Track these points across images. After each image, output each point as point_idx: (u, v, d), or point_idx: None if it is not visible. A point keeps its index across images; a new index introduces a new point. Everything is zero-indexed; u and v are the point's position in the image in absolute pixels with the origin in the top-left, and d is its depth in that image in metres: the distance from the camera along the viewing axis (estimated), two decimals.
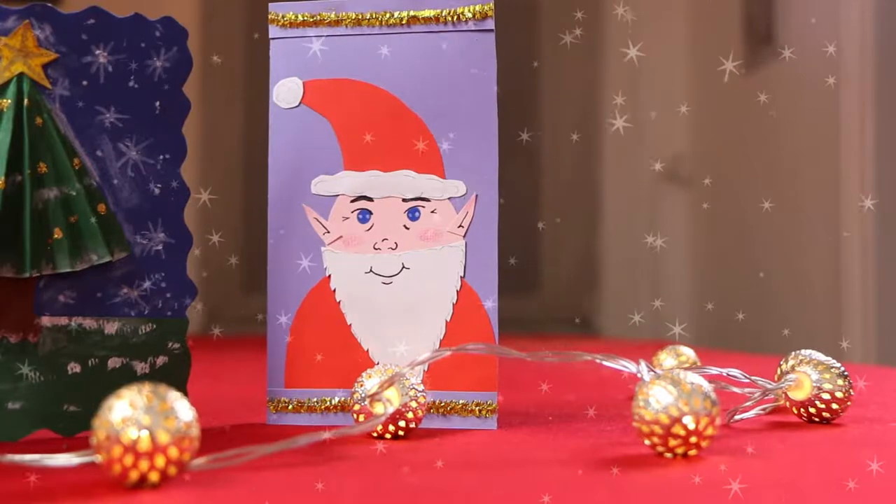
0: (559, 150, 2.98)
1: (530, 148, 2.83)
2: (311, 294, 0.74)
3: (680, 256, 2.81)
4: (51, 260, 0.67)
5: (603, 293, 2.94)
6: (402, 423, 0.67)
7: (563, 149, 2.98)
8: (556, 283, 2.97)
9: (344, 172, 0.74)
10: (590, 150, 2.96)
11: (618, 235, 2.89)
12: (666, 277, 2.80)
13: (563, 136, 2.96)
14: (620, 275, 2.89)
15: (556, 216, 2.93)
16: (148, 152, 0.69)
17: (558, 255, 2.98)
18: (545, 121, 2.96)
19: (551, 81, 2.97)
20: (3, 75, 0.66)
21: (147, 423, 0.49)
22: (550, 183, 2.97)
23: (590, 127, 2.96)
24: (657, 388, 0.58)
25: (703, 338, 2.39)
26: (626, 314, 2.79)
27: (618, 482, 0.53)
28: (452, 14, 0.73)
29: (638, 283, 2.81)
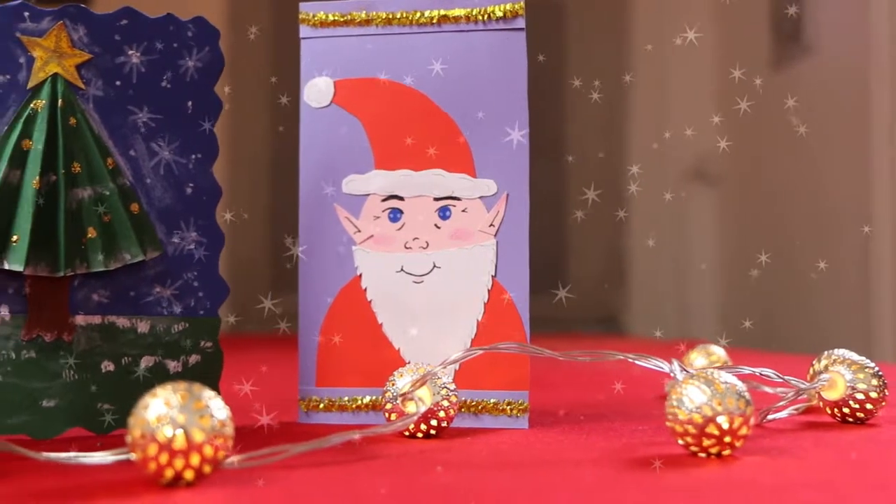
0: (585, 148, 2.97)
1: (557, 146, 2.83)
2: (342, 293, 0.74)
3: (707, 255, 2.79)
4: (85, 259, 0.67)
5: (630, 292, 2.93)
6: (434, 422, 0.67)
7: (590, 146, 2.97)
8: (582, 281, 2.97)
9: (375, 172, 0.74)
10: (616, 146, 2.95)
11: (645, 234, 2.88)
12: (693, 276, 2.79)
13: (589, 133, 2.95)
14: (648, 274, 2.88)
15: (582, 214, 2.92)
16: (180, 152, 0.70)
17: (585, 254, 2.98)
18: (570, 120, 2.96)
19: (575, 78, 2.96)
20: (38, 76, 0.67)
21: (182, 422, 0.50)
22: (576, 181, 2.96)
23: (616, 122, 2.95)
24: (691, 387, 0.58)
25: (731, 337, 2.38)
26: (653, 313, 2.78)
27: (651, 482, 0.53)
28: (483, 13, 0.73)
29: (665, 282, 2.80)
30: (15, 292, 0.66)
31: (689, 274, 2.79)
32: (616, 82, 2.80)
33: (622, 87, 2.88)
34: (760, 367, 0.74)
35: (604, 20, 3.00)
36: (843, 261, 2.14)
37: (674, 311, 2.80)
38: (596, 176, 2.90)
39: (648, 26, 2.88)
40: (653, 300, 2.80)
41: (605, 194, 2.51)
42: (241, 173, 2.51)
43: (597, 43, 2.95)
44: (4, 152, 0.66)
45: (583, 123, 2.97)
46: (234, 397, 0.65)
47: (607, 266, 2.98)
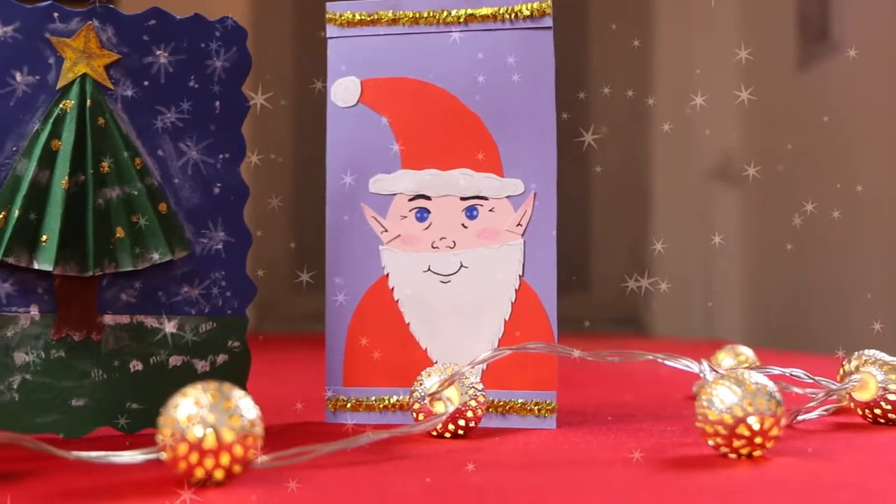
0: (608, 146, 2.96)
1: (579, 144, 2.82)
2: (370, 293, 0.74)
3: (732, 254, 2.78)
4: (113, 259, 0.67)
5: (654, 292, 2.92)
6: (462, 422, 0.67)
7: (613, 145, 2.96)
8: (606, 281, 2.96)
9: (402, 171, 0.74)
10: (640, 147, 2.94)
11: (669, 233, 2.87)
12: (718, 276, 2.78)
13: (612, 132, 2.94)
14: (672, 273, 2.86)
15: (606, 213, 2.91)
16: (208, 152, 0.70)
17: (608, 253, 2.97)
18: (593, 114, 2.95)
19: (601, 80, 2.96)
20: (67, 76, 0.67)
21: (212, 421, 0.50)
22: (600, 180, 2.95)
23: (639, 124, 2.94)
24: (721, 387, 0.58)
25: (757, 337, 2.37)
26: (677, 313, 2.77)
27: (683, 483, 0.52)
28: (510, 11, 0.73)
29: (690, 282, 2.79)
30: (44, 292, 0.67)
31: (713, 274, 2.78)
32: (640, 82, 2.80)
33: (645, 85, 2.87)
34: (789, 367, 0.73)
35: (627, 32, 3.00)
36: (873, 261, 2.12)
37: (697, 311, 2.78)
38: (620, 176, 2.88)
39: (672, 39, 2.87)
40: (676, 300, 2.79)
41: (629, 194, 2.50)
42: (262, 172, 2.52)
43: (620, 43, 2.94)
44: (34, 152, 0.66)
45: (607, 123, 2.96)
46: (261, 396, 0.65)
47: (630, 266, 2.97)
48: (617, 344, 1.50)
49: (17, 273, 0.66)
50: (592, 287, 2.95)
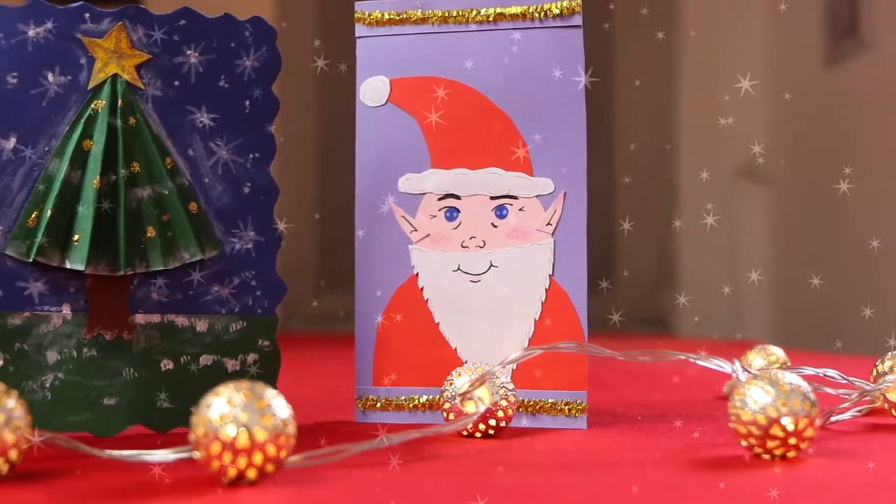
0: (635, 143, 2.95)
1: (605, 144, 2.81)
2: (399, 292, 0.74)
3: (759, 253, 2.77)
4: (144, 258, 0.68)
5: (680, 291, 2.91)
6: (493, 421, 0.66)
7: (640, 142, 2.95)
8: (632, 281, 2.95)
9: (431, 170, 0.74)
10: (666, 146, 2.93)
11: (693, 233, 2.86)
12: (745, 275, 2.76)
13: (637, 129, 2.93)
14: (697, 272, 2.85)
15: (632, 213, 2.90)
16: (238, 151, 0.70)
17: (634, 253, 2.96)
18: (618, 114, 2.94)
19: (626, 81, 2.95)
20: (98, 77, 0.67)
21: (245, 421, 0.50)
22: (627, 177, 2.94)
23: (666, 122, 2.93)
24: (754, 388, 0.57)
25: (784, 337, 2.36)
26: (704, 312, 2.75)
27: (716, 484, 0.52)
28: (539, 10, 0.73)
29: (716, 282, 2.78)
30: (76, 291, 0.67)
31: (739, 274, 2.77)
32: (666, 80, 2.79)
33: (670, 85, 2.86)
34: (819, 367, 0.73)
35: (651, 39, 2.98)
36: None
37: (723, 311, 2.77)
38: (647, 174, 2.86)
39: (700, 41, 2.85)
40: (702, 300, 2.78)
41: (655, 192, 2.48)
42: (289, 171, 2.53)
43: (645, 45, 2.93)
44: (66, 153, 0.66)
45: (633, 124, 2.95)
46: (289, 395, 0.65)
47: (657, 266, 2.96)
48: (643, 344, 1.49)
49: (50, 272, 0.66)
50: (618, 286, 2.94)
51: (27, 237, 0.66)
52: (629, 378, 1.08)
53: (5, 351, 0.66)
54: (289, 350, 0.73)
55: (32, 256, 0.66)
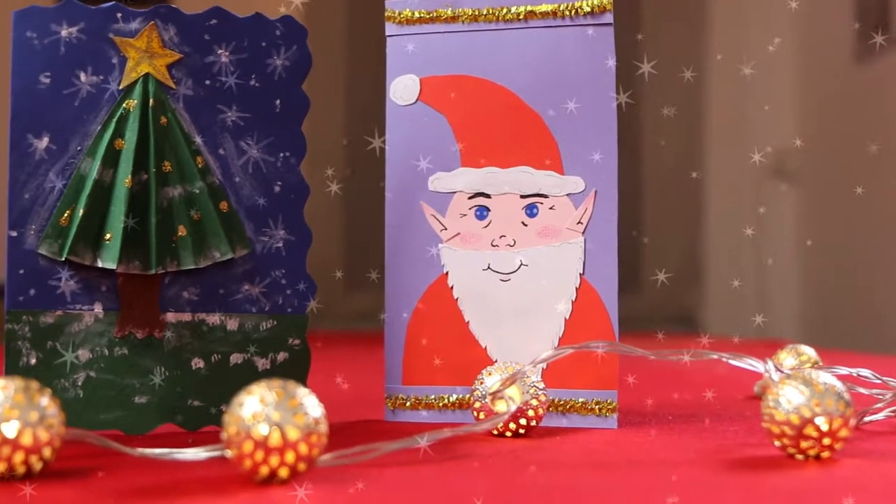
0: (662, 141, 2.94)
1: (631, 142, 2.80)
2: (429, 291, 0.74)
3: (787, 252, 2.75)
4: (175, 257, 0.68)
5: (707, 290, 2.90)
6: (523, 420, 0.66)
7: (667, 140, 2.94)
8: (658, 280, 2.93)
9: (461, 169, 0.74)
10: (693, 143, 2.92)
11: (722, 231, 2.85)
12: (774, 274, 2.75)
13: (665, 129, 2.92)
14: (725, 271, 2.84)
15: (659, 212, 2.89)
16: (268, 150, 0.70)
17: (661, 252, 2.95)
18: (646, 113, 2.93)
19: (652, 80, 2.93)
20: (130, 76, 0.67)
21: (277, 419, 0.50)
22: (652, 177, 2.93)
23: (692, 120, 2.91)
24: (788, 387, 0.57)
25: (812, 335, 2.34)
26: (731, 311, 2.74)
27: (752, 484, 0.52)
28: (570, 8, 0.73)
29: (743, 280, 2.76)
30: (108, 290, 0.67)
31: (767, 272, 2.75)
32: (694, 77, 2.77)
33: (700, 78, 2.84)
34: (852, 367, 0.72)
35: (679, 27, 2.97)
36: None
37: (751, 309, 2.76)
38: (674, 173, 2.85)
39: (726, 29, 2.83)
40: (730, 299, 2.76)
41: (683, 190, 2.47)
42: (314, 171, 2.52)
43: (672, 41, 2.92)
44: (98, 152, 0.67)
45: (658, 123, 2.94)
46: (319, 394, 0.65)
47: (684, 264, 2.95)
48: (670, 343, 1.49)
49: (82, 271, 0.67)
50: (644, 285, 2.93)
51: (59, 236, 0.66)
52: (657, 377, 1.07)
53: (38, 349, 0.66)
54: (317, 348, 0.73)
55: (65, 255, 0.66)
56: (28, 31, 0.66)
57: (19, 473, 0.51)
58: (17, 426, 0.50)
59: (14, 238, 0.66)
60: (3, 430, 0.50)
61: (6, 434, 0.50)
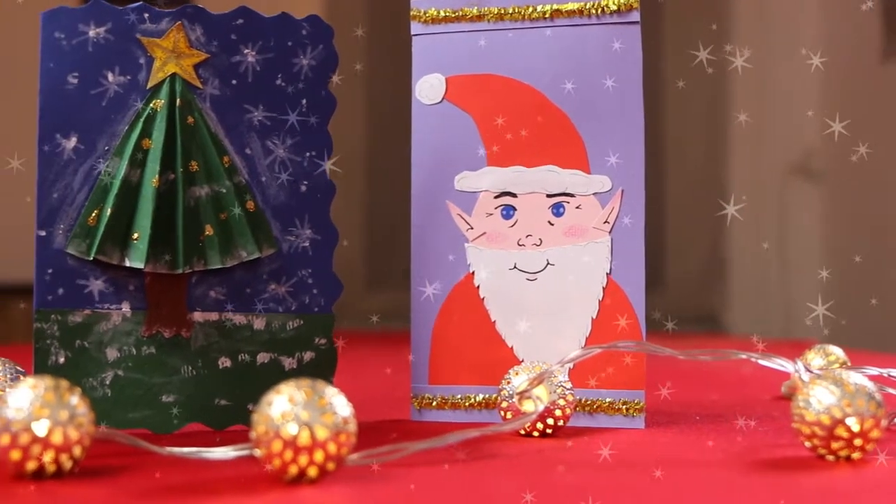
0: (685, 143, 2.93)
1: (655, 141, 2.79)
2: (455, 290, 0.74)
3: (810, 251, 2.73)
4: (202, 256, 0.68)
5: (731, 289, 2.88)
6: (551, 420, 0.66)
7: (690, 142, 2.93)
8: (682, 279, 2.92)
9: (487, 168, 0.74)
10: (716, 143, 2.90)
11: (746, 230, 2.83)
12: (796, 273, 2.73)
13: (688, 128, 2.91)
14: (749, 270, 2.82)
15: (683, 211, 2.88)
16: (295, 149, 0.70)
17: (684, 251, 2.94)
18: (669, 115, 2.92)
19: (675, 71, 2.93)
20: (157, 76, 0.68)
21: (306, 419, 0.50)
22: (677, 177, 2.92)
23: (716, 119, 2.90)
24: (819, 388, 0.56)
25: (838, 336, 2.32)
26: (755, 311, 2.73)
27: (783, 485, 0.51)
28: (596, 6, 0.72)
29: (767, 280, 2.75)
30: (136, 289, 0.68)
31: (792, 272, 2.74)
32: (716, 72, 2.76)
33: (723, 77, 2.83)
34: (881, 367, 0.72)
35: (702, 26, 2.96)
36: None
37: (776, 309, 2.74)
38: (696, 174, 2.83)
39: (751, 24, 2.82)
40: (754, 299, 2.75)
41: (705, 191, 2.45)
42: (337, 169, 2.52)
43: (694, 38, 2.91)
44: (125, 151, 0.67)
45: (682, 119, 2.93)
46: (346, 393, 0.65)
47: (707, 264, 2.94)
48: (695, 343, 1.48)
49: (110, 270, 0.67)
50: (668, 285, 2.92)
51: (87, 236, 0.66)
52: (683, 377, 1.06)
53: (67, 348, 0.67)
54: (341, 347, 0.73)
55: (93, 255, 0.66)
56: (56, 31, 0.67)
57: (50, 472, 0.51)
58: (47, 425, 0.51)
59: (42, 238, 0.67)
60: (33, 428, 0.50)
61: (37, 433, 0.50)
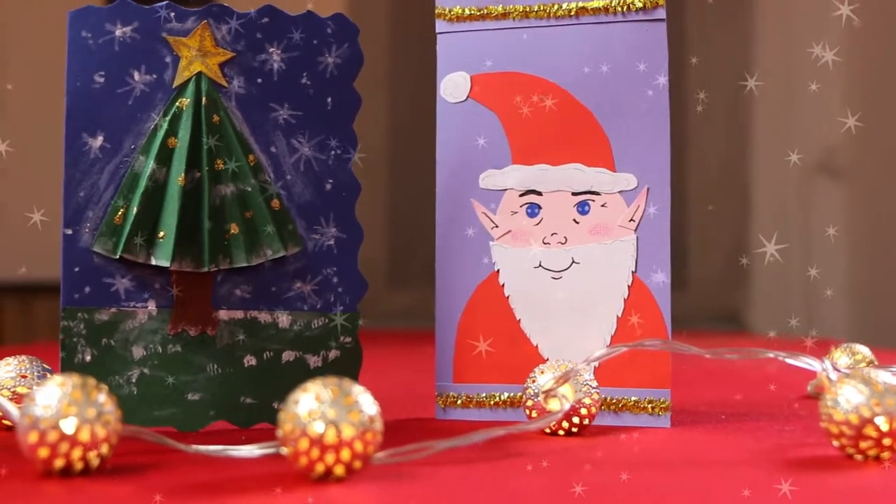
0: (707, 139, 2.92)
1: (677, 137, 2.78)
2: (480, 289, 0.74)
3: (835, 250, 2.72)
4: (228, 254, 0.68)
5: (753, 289, 2.87)
6: (576, 419, 0.66)
7: (712, 138, 2.91)
8: (704, 278, 2.91)
9: (512, 166, 0.74)
10: (739, 139, 2.89)
11: (770, 228, 2.82)
12: (820, 272, 2.72)
13: (713, 125, 2.90)
14: (772, 269, 2.81)
15: (706, 207, 2.87)
16: (320, 148, 0.70)
17: (708, 249, 2.92)
18: (691, 112, 2.91)
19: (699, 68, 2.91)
20: (183, 75, 0.68)
21: (333, 417, 0.50)
22: (699, 174, 2.91)
23: (738, 117, 2.89)
24: (847, 387, 0.56)
25: (862, 335, 2.31)
26: (778, 310, 2.71)
27: (812, 485, 0.51)
28: (622, 4, 0.72)
29: (790, 279, 2.73)
30: (161, 287, 0.68)
31: (813, 270, 2.72)
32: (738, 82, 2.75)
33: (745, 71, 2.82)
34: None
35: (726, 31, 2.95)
36: None
37: (798, 309, 2.73)
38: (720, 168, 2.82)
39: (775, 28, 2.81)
40: (776, 298, 2.73)
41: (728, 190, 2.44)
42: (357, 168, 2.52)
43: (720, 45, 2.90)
44: (151, 150, 0.67)
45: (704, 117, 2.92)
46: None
47: (729, 263, 2.92)
48: (718, 342, 1.47)
49: (136, 269, 0.67)
50: (690, 284, 2.91)
51: (114, 234, 0.67)
52: (706, 376, 1.06)
53: (93, 346, 0.67)
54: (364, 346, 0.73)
55: (119, 253, 0.66)
56: (83, 30, 0.67)
57: (77, 469, 0.51)
58: (74, 423, 0.51)
59: (69, 236, 0.67)
60: (61, 426, 0.50)
61: (64, 430, 0.51)
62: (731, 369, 1.12)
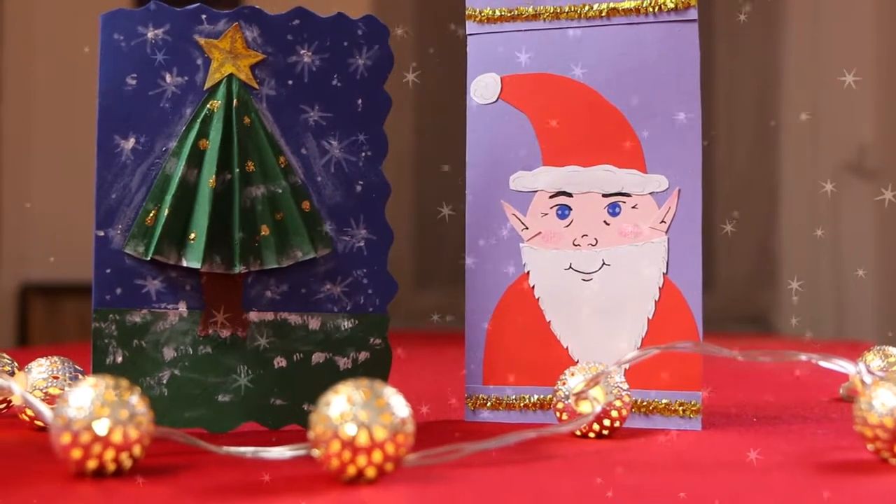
0: (735, 141, 2.90)
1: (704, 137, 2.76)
2: (510, 291, 0.74)
3: (862, 251, 2.70)
4: (258, 256, 0.68)
5: (781, 290, 2.85)
6: (607, 422, 0.65)
7: (740, 140, 2.90)
8: (732, 279, 2.90)
9: (543, 168, 0.73)
10: (767, 141, 2.87)
11: (796, 230, 2.80)
12: (848, 274, 2.70)
13: (739, 126, 2.88)
14: (799, 271, 2.79)
15: (733, 211, 2.85)
16: (350, 150, 0.70)
17: (734, 251, 2.91)
18: (719, 111, 2.89)
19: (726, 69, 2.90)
20: (214, 77, 0.68)
21: (365, 419, 0.50)
22: (726, 176, 2.89)
23: (767, 116, 2.87)
24: (882, 390, 0.56)
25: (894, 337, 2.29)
26: (806, 312, 2.69)
27: (848, 489, 0.50)
28: (654, 4, 0.72)
29: (818, 280, 2.72)
30: (192, 289, 0.68)
31: (844, 272, 2.70)
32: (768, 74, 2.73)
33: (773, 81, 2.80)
34: None
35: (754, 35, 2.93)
36: None
37: (827, 310, 2.71)
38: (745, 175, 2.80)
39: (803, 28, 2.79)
40: (806, 299, 2.72)
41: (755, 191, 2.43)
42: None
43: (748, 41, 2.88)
44: (182, 152, 0.67)
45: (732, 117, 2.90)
46: None
47: (757, 264, 2.91)
48: (746, 343, 1.46)
49: (167, 270, 0.68)
50: (717, 285, 2.89)
51: (145, 236, 0.67)
52: (736, 378, 1.05)
53: (124, 348, 0.67)
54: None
55: (150, 255, 0.67)
56: (115, 33, 0.67)
57: (110, 471, 0.51)
58: (107, 424, 0.51)
59: (101, 238, 0.67)
60: (94, 427, 0.51)
61: (97, 432, 0.51)
62: (760, 371, 1.11)
